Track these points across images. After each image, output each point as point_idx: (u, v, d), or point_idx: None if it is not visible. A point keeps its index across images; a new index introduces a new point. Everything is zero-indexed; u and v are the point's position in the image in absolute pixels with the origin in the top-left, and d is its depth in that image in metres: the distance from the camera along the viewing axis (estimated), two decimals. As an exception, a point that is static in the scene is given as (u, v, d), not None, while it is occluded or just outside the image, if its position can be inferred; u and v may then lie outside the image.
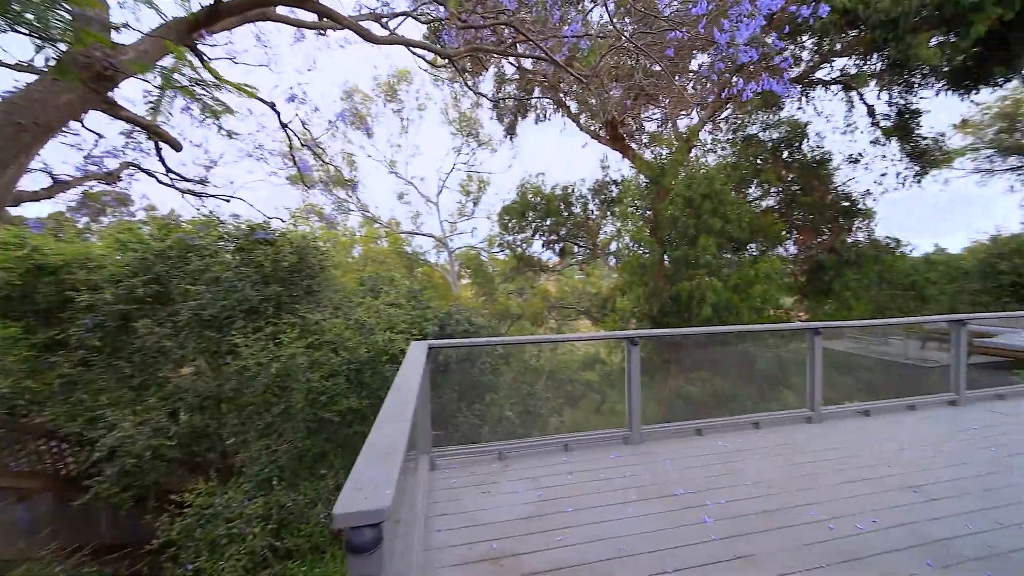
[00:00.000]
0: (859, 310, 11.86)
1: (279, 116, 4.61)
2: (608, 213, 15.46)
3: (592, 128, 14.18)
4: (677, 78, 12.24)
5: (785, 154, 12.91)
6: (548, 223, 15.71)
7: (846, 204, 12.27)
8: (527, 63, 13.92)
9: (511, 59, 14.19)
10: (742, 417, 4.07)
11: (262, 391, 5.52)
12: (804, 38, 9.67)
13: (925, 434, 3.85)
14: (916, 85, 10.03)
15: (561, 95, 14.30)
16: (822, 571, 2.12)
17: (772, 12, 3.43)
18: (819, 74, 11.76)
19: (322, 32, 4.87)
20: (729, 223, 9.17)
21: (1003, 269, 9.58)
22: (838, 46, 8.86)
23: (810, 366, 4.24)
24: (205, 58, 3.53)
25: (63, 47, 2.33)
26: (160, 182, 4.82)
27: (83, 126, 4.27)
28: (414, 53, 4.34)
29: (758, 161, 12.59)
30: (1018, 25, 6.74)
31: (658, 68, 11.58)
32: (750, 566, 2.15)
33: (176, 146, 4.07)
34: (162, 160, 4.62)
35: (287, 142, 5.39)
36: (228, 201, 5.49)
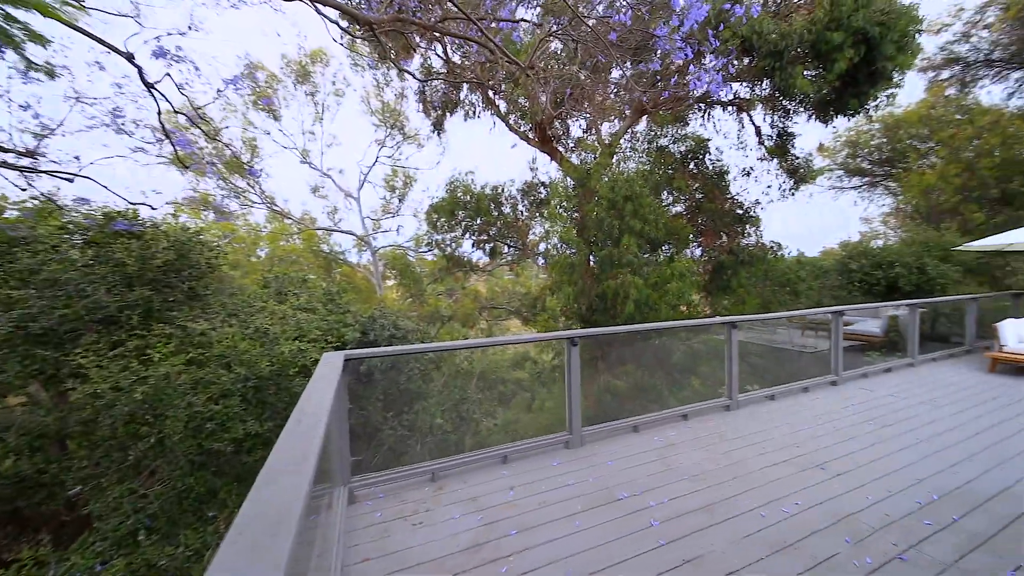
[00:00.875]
0: (751, 304, 13.58)
1: (141, 72, 3.64)
2: (537, 214, 15.69)
3: (522, 129, 14.24)
4: (598, 90, 12.86)
5: (691, 165, 14.29)
6: (478, 222, 15.44)
7: (740, 212, 13.96)
8: (456, 57, 13.47)
9: (439, 52, 13.65)
10: (672, 410, 4.20)
11: (124, 422, 4.40)
12: (708, 60, 10.74)
13: (819, 413, 4.34)
14: (791, 111, 11.73)
15: (490, 93, 14.14)
16: (763, 563, 2.13)
17: (696, 22, 3.55)
18: (718, 95, 13.21)
19: (205, -20, 3.98)
20: (648, 224, 9.78)
21: (853, 268, 11.59)
22: (732, 71, 9.95)
23: (728, 357, 4.54)
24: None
25: None
26: (-46, 149, 3.52)
27: None
28: (323, 15, 3.73)
29: (669, 170, 13.74)
30: (863, 67, 8.18)
31: (583, 76, 12.00)
32: (699, 569, 2.08)
33: (-24, 99, 2.96)
34: (-43, 119, 3.37)
35: (160, 110, 4.33)
36: (71, 181, 4.25)
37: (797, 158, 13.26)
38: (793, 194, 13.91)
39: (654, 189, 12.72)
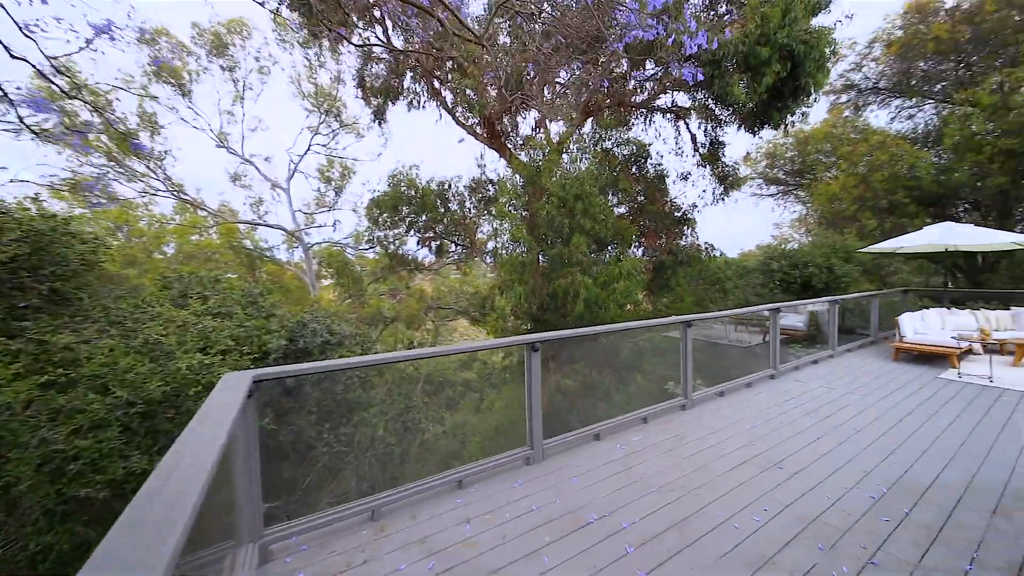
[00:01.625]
0: (687, 302, 14.38)
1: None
2: (486, 212, 15.32)
3: (469, 123, 13.77)
4: (546, 89, 12.81)
5: (634, 169, 14.81)
6: (423, 219, 14.71)
7: (678, 214, 14.73)
8: (398, 42, 12.62)
9: (379, 35, 12.75)
10: (632, 414, 4.06)
11: (-55, 468, 3.30)
12: (649, 65, 11.12)
13: (765, 409, 4.46)
14: (723, 121, 12.55)
15: (436, 83, 13.48)
16: (747, 587, 1.96)
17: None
18: (658, 103, 13.81)
19: None
20: (597, 224, 9.85)
21: (774, 268, 12.72)
22: (674, 74, 10.37)
23: (683, 356, 4.52)
24: None
25: None
26: None
27: None
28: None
29: (614, 172, 14.11)
30: (789, 82, 8.89)
31: (532, 73, 11.84)
32: (686, 605, 1.85)
33: None
34: None
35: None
36: None
37: (727, 166, 14.27)
38: (723, 199, 14.96)
39: (601, 190, 12.95)
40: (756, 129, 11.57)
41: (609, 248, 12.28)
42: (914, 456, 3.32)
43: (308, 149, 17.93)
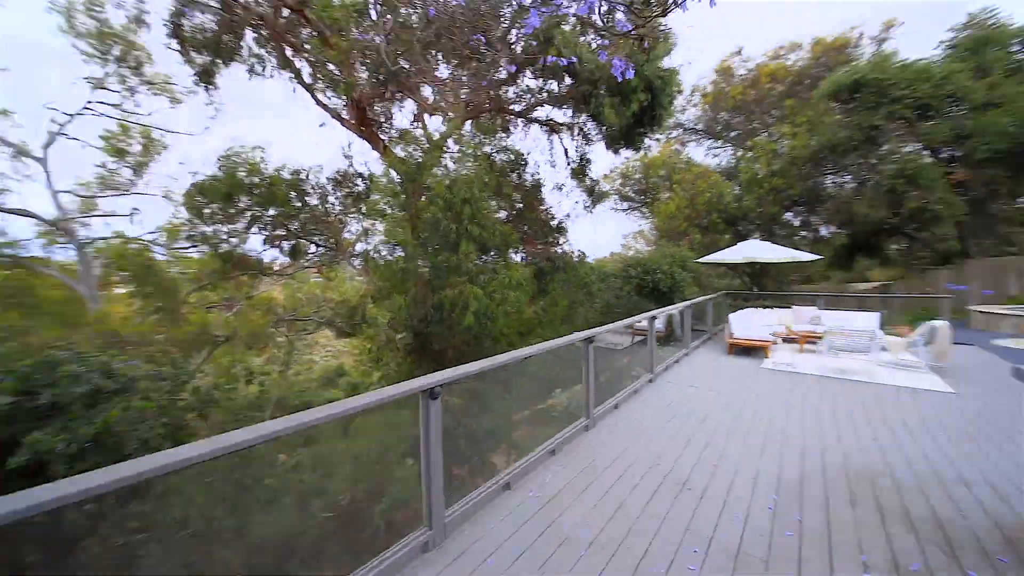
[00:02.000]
0: (562, 306, 15.26)
1: None
2: (354, 209, 13.47)
3: (332, 105, 11.83)
4: (426, 87, 11.90)
5: (513, 176, 15.03)
6: (272, 213, 12.08)
7: (554, 223, 15.53)
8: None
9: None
10: (539, 449, 3.63)
11: None
12: (528, 74, 11.31)
13: (653, 419, 4.58)
14: (591, 139, 13.67)
15: (289, 50, 11.17)
16: None
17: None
18: (535, 114, 14.30)
19: None
20: (486, 231, 9.43)
21: (632, 274, 14.44)
22: (554, 87, 10.75)
23: (585, 374, 4.32)
24: None
25: None
26: None
27: None
28: None
29: (497, 177, 14.04)
30: (648, 110, 10.05)
31: (407, 65, 10.75)
32: None
33: None
34: None
35: None
36: None
37: (593, 180, 15.68)
38: (591, 211, 16.43)
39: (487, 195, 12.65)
40: (618, 149, 12.91)
41: (492, 254, 12.08)
42: (777, 449, 3.73)
43: (85, 108, 12.92)
